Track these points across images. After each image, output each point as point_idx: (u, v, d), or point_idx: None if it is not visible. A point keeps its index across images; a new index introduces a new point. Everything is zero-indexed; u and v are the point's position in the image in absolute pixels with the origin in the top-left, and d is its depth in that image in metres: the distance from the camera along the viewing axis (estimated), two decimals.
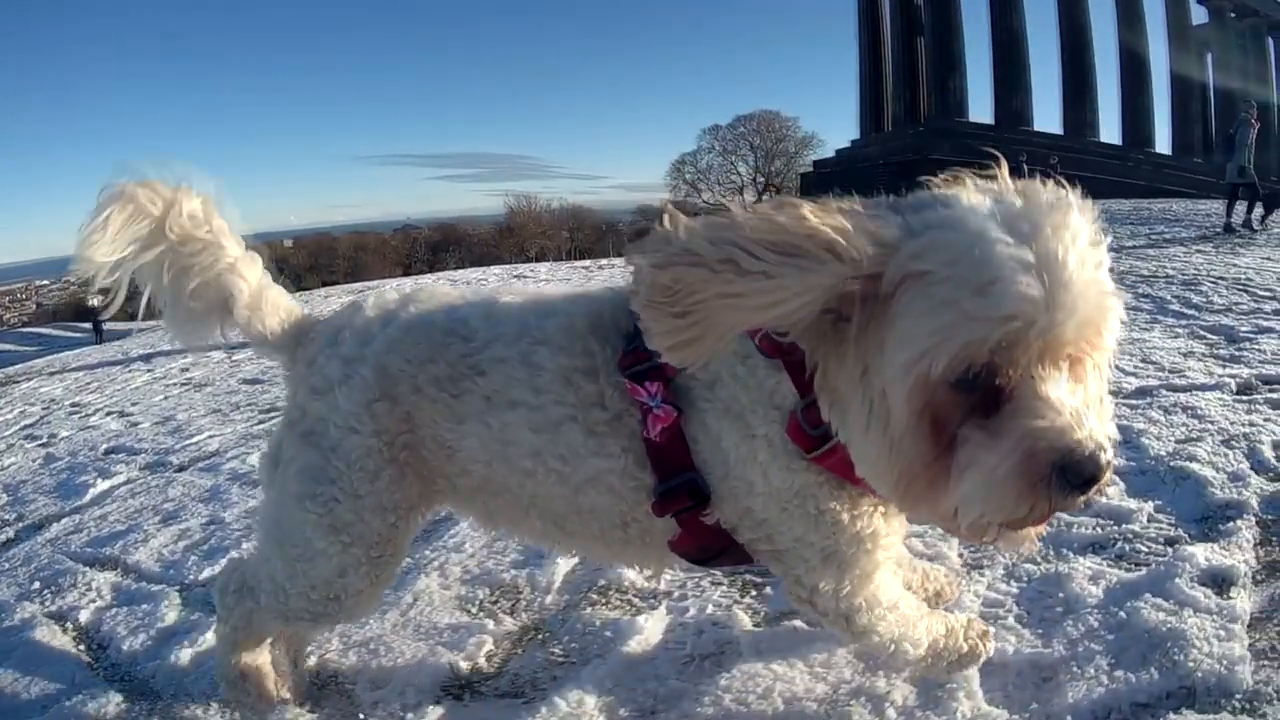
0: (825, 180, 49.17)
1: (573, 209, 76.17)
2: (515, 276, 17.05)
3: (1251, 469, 3.35)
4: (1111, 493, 3.22)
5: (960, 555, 2.79)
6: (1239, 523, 2.88)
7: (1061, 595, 2.53)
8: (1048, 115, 62.18)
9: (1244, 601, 2.39)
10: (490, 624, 2.61)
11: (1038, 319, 1.11)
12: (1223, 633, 2.24)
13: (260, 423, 6.13)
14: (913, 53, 49.50)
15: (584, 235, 68.66)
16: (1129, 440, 3.73)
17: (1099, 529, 2.94)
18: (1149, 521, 2.97)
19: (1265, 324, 6.22)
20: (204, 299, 1.92)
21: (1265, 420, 3.91)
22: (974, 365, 1.14)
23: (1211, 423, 3.93)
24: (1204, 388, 4.56)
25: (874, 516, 1.54)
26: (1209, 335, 5.98)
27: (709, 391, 1.49)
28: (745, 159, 66.69)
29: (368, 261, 66.92)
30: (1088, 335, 1.19)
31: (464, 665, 2.43)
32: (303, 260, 68.14)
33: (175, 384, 9.06)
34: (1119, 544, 2.82)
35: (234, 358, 10.00)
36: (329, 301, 15.83)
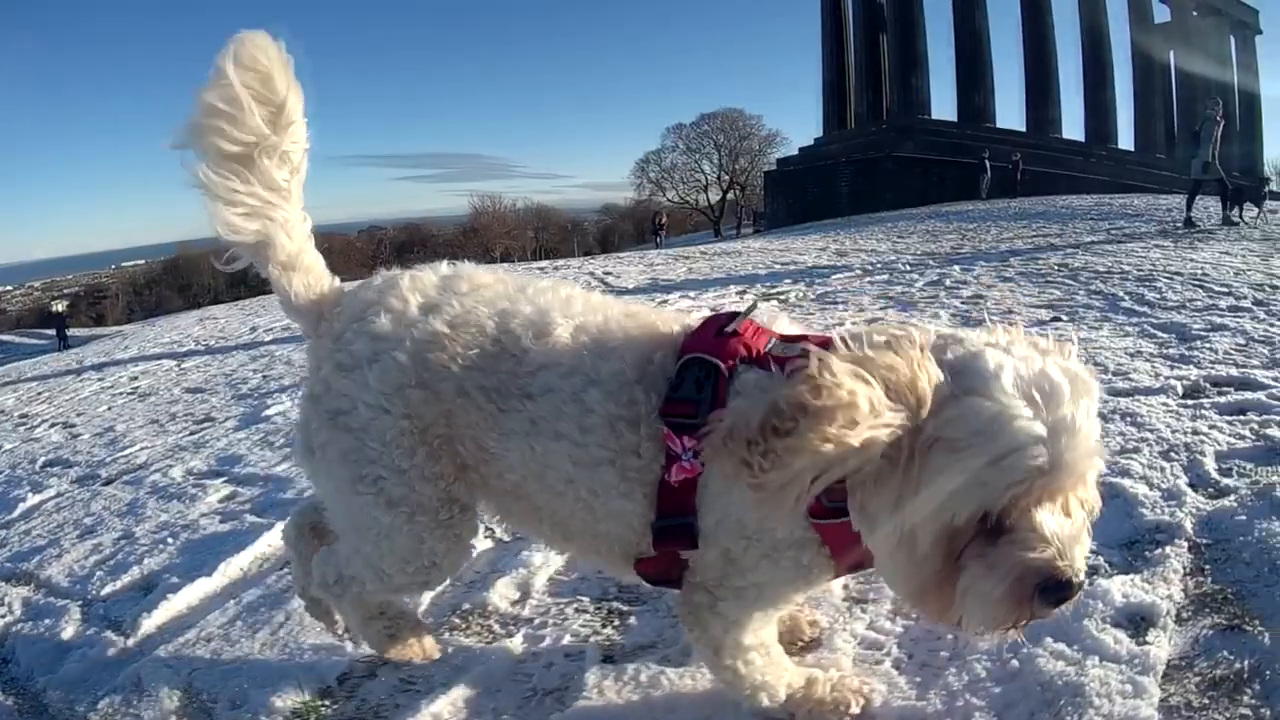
0: (789, 178, 50.18)
1: (537, 208, 76.54)
2: None
3: (1190, 484, 3.13)
4: None
5: (845, 587, 2.57)
6: (1168, 549, 2.64)
7: (950, 637, 2.28)
8: (1011, 112, 62.92)
9: (1162, 646, 2.14)
10: (349, 647, 2.51)
11: (1042, 479, 1.30)
12: (1129, 687, 1.98)
13: (192, 434, 6.06)
14: (876, 51, 49.50)
15: (549, 235, 68.66)
16: None
17: None
18: None
19: (1219, 321, 6.06)
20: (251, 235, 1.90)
21: (1210, 428, 3.69)
22: (990, 516, 1.33)
23: (1152, 431, 3.70)
24: (1148, 391, 4.35)
25: (821, 579, 1.71)
26: (1160, 334, 5.80)
27: None
28: (709, 157, 66.95)
29: (333, 264, 64.28)
30: (1077, 486, 1.38)
31: (317, 688, 2.39)
32: None
33: (122, 393, 8.93)
34: None
35: (182, 365, 10.06)
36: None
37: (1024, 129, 46.97)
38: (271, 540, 3.51)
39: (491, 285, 1.84)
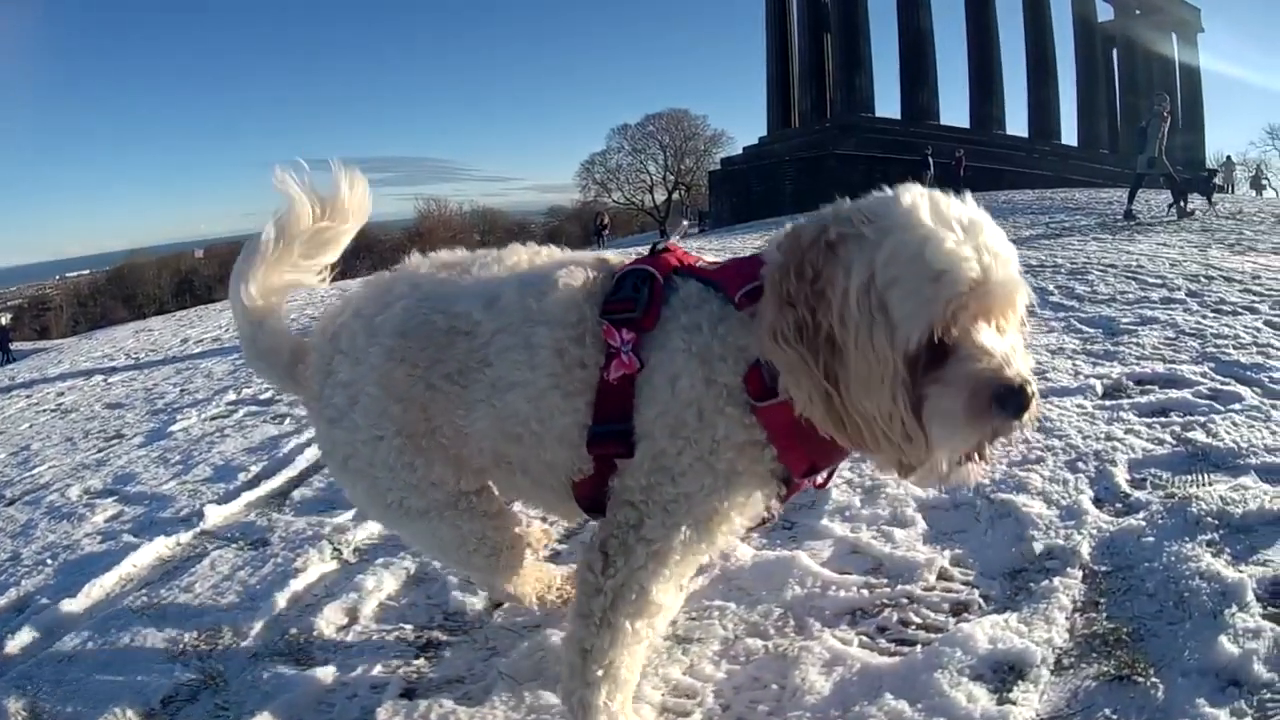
0: (733, 178, 49.82)
1: (483, 211, 75.84)
2: None
3: (1095, 499, 2.85)
4: (900, 537, 2.70)
5: (673, 624, 2.34)
6: (1058, 579, 2.35)
7: (777, 686, 2.05)
8: (955, 109, 63.46)
9: (1030, 703, 1.84)
10: (178, 669, 2.51)
11: (977, 294, 1.39)
12: None
13: (100, 451, 5.88)
14: (820, 50, 49.42)
15: (495, 238, 67.15)
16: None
17: (866, 589, 2.42)
18: (938, 580, 2.45)
19: (1149, 314, 5.88)
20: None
21: (1127, 432, 3.44)
22: (936, 333, 1.39)
23: (1060, 438, 3.41)
24: (1064, 392, 4.09)
25: (754, 506, 1.72)
26: (1086, 329, 5.62)
27: (679, 337, 1.62)
28: (655, 158, 66.37)
29: None
30: (1009, 302, 1.45)
31: (142, 710, 2.37)
32: (214, 270, 66.26)
33: (46, 410, 8.69)
34: (886, 612, 2.31)
35: (109, 380, 9.87)
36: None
37: (968, 126, 47.28)
38: (138, 560, 3.39)
39: (432, 281, 1.90)
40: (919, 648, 2.09)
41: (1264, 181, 46.79)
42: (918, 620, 2.25)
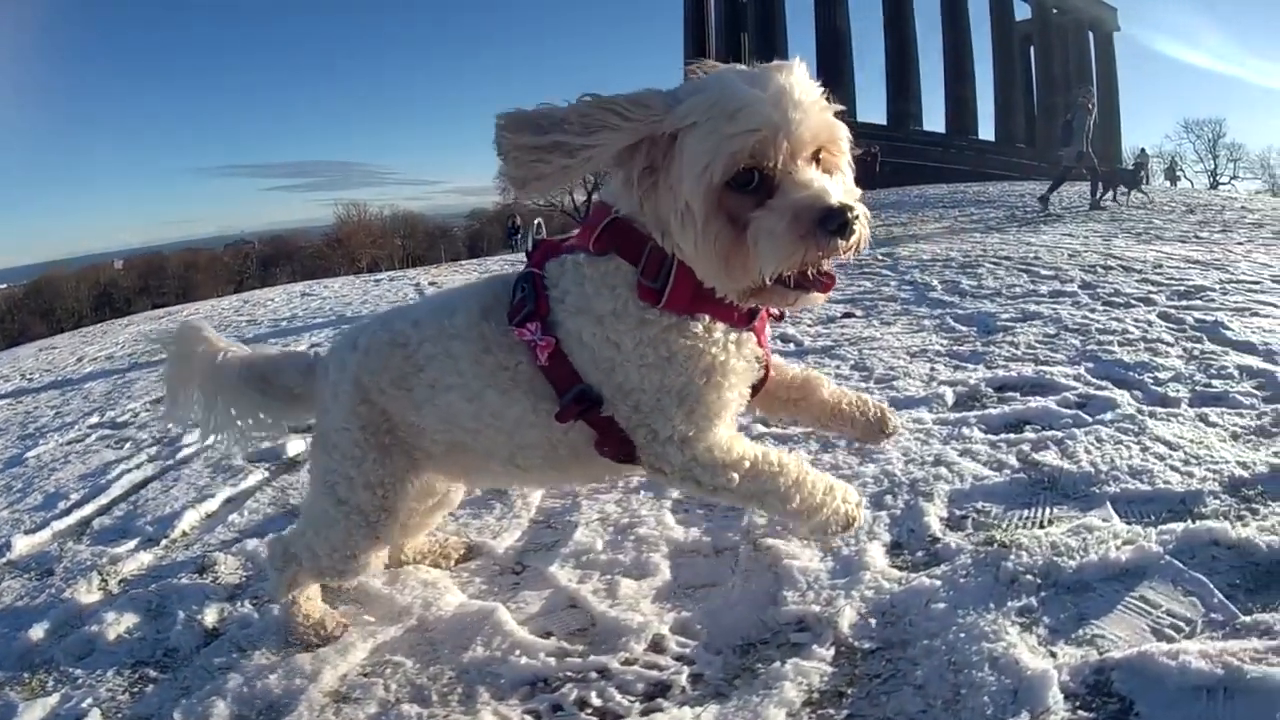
0: None
1: (405, 216, 73.73)
2: (301, 294, 15.46)
3: (889, 547, 2.31)
4: (627, 591, 2.34)
5: (343, 675, 2.22)
6: (796, 660, 1.84)
7: None
8: (874, 108, 63.97)
9: None
10: None
11: (778, 127, 1.51)
12: None
13: None
14: (737, 49, 49.06)
15: (416, 243, 66.68)
16: (711, 505, 2.71)
17: (556, 657, 2.10)
18: (647, 650, 2.07)
19: (1034, 308, 5.44)
20: None
21: (962, 454, 2.89)
22: (741, 167, 1.53)
23: (876, 462, 2.83)
24: (908, 403, 3.54)
25: (725, 347, 1.80)
26: (960, 327, 5.16)
27: (563, 305, 1.82)
28: None
29: (199, 280, 63.34)
30: (821, 138, 1.59)
31: None
32: (133, 282, 64.50)
33: None
34: (568, 688, 1.98)
35: None
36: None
37: (885, 122, 47.74)
38: None
39: (390, 314, 2.20)
40: None
41: (1178, 173, 47.84)
42: (598, 703, 1.92)
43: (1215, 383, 3.53)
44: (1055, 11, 53.09)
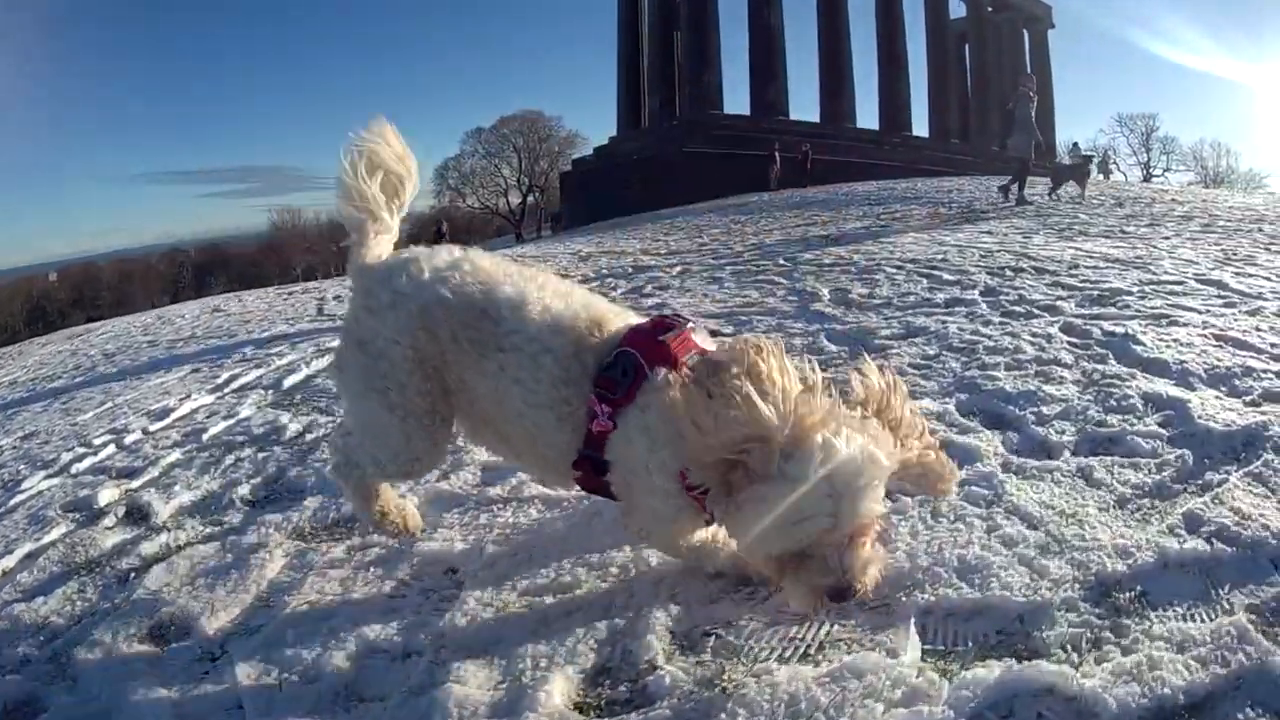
0: (584, 179, 49.77)
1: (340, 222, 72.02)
2: (213, 310, 14.32)
3: (585, 678, 1.99)
4: None
5: None
6: None
7: None
8: (808, 106, 64.35)
9: None
10: None
11: (830, 534, 1.71)
12: None
13: None
14: (670, 48, 49.53)
15: None
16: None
17: None
18: None
19: (920, 322, 4.92)
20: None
21: None
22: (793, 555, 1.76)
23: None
24: None
25: (696, 520, 2.06)
26: (832, 346, 4.64)
27: (637, 417, 1.96)
28: (509, 161, 65.51)
29: (134, 291, 62.47)
30: (861, 531, 1.76)
31: None
32: (68, 294, 63.32)
33: None
34: None
35: None
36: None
37: (819, 120, 47.80)
38: None
39: (487, 269, 2.29)
40: None
41: (1111, 166, 48.37)
42: None
43: (1112, 419, 3.00)
44: (990, 9, 53.57)
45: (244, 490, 3.30)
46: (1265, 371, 3.46)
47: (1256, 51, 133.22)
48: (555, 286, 2.29)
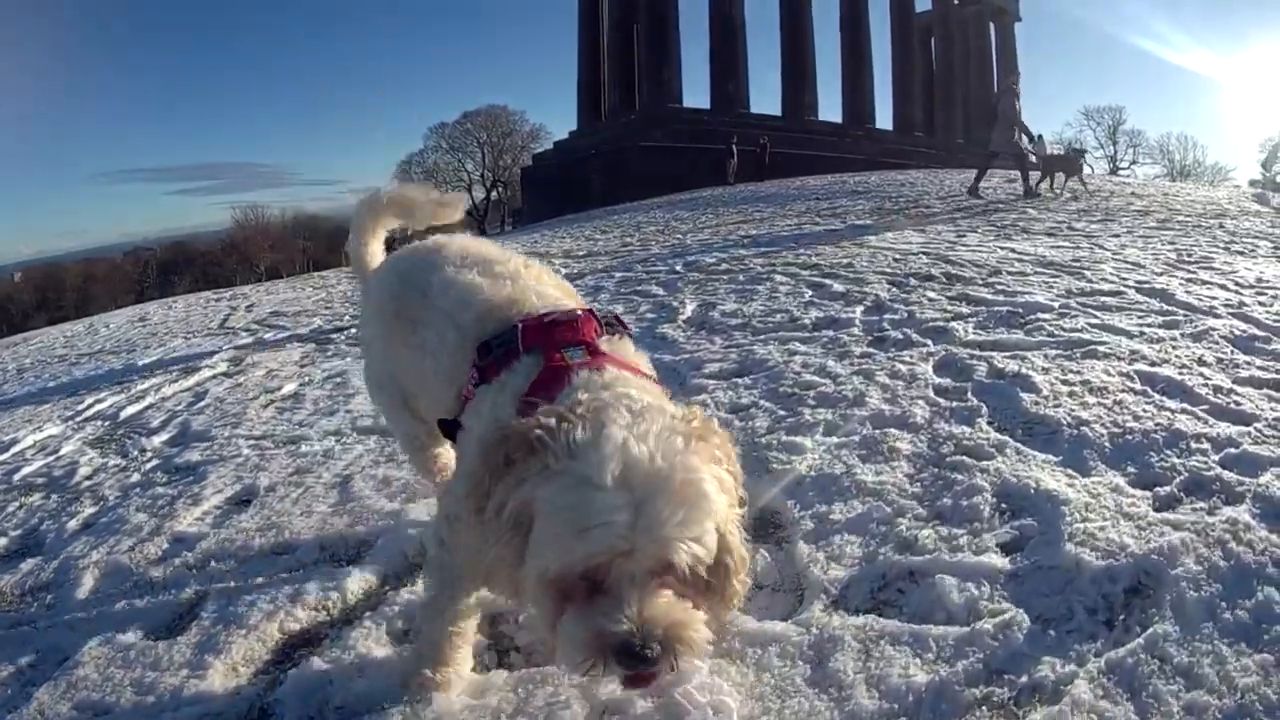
0: (544, 174, 49.16)
1: (307, 219, 70.83)
2: (140, 319, 13.18)
3: None
4: None
5: None
6: None
7: None
8: (770, 99, 63.83)
9: None
10: None
11: (622, 556, 1.38)
12: None
13: None
14: (629, 42, 49.02)
15: (318, 245, 63.68)
16: None
17: None
18: None
19: (761, 354, 4.09)
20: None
21: None
22: (574, 575, 1.43)
23: None
24: None
25: None
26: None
27: (497, 394, 1.85)
28: (473, 156, 64.36)
29: (98, 291, 59.94)
30: (660, 565, 1.41)
31: None
32: (33, 296, 61.28)
33: None
34: None
35: None
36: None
37: (780, 113, 47.48)
38: None
39: (456, 252, 2.32)
40: None
41: (1084, 163, 48.14)
42: None
43: (925, 540, 2.17)
44: (956, 2, 53.48)
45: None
46: (1198, 439, 2.52)
47: (1225, 45, 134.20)
48: (484, 272, 2.27)
